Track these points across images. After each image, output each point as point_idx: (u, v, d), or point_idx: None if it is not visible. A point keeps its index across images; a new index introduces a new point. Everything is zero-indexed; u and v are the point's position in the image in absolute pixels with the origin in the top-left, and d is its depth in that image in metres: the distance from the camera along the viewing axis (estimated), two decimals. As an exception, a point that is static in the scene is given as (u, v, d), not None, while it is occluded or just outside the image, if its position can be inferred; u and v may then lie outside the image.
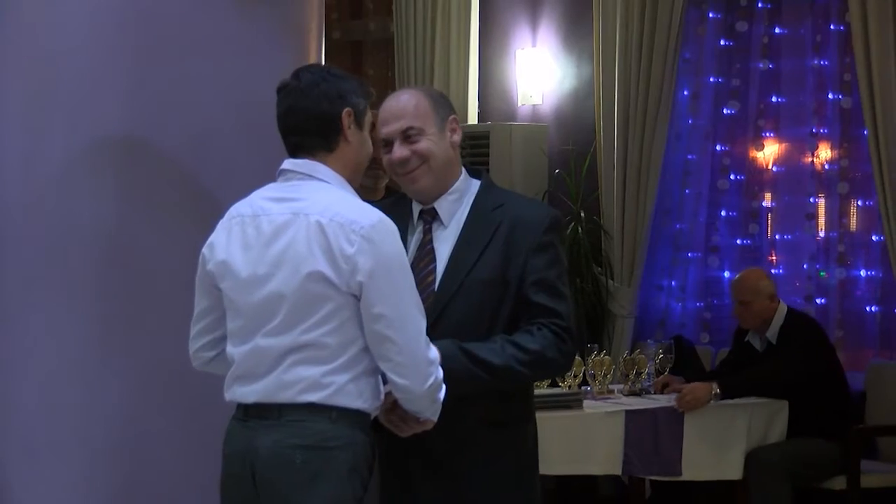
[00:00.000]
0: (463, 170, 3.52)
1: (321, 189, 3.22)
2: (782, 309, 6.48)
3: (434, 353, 3.19)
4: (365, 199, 4.86)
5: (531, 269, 3.38)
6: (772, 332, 6.44)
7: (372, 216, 3.18)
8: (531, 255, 3.39)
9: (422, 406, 3.24)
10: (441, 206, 3.47)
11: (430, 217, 3.49)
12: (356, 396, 3.17)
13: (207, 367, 3.43)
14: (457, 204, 3.47)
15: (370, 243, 3.13)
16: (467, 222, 3.44)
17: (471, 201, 3.48)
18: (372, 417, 3.26)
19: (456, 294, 3.40)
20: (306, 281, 3.14)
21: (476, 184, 3.51)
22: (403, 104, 3.44)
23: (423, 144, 3.41)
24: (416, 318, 3.17)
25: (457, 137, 3.46)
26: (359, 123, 3.28)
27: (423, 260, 3.45)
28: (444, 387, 3.22)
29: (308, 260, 3.14)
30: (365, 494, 3.23)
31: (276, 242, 3.19)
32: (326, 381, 3.15)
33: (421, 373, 3.15)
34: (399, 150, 3.42)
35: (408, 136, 3.41)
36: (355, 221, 3.15)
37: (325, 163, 3.25)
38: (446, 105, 3.49)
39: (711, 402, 6.09)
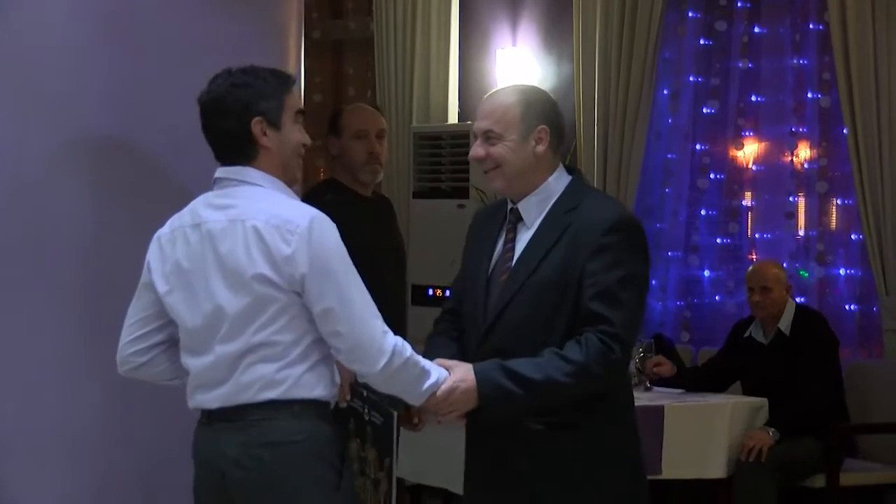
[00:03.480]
0: (559, 171, 3.52)
1: (254, 193, 3.30)
2: (791, 304, 6.51)
3: (389, 341, 3.21)
4: (362, 193, 4.88)
5: (588, 273, 3.35)
6: (784, 324, 6.44)
7: (306, 214, 3.24)
8: (589, 259, 3.35)
9: (394, 390, 3.31)
10: (524, 206, 3.50)
11: (515, 217, 3.52)
12: (313, 386, 3.24)
13: (135, 373, 3.49)
14: (542, 205, 3.48)
15: (307, 241, 3.20)
16: (541, 224, 3.46)
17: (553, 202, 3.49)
18: (332, 405, 3.32)
19: (516, 295, 3.42)
20: (252, 282, 3.21)
21: (565, 184, 3.51)
22: (495, 106, 3.48)
23: (498, 149, 3.45)
24: (361, 306, 3.21)
25: (541, 148, 3.45)
26: (274, 125, 3.33)
27: (503, 259, 3.50)
28: (411, 374, 3.25)
29: (250, 264, 3.21)
30: (341, 482, 3.26)
31: (218, 249, 3.27)
32: (281, 377, 3.22)
33: (371, 357, 3.20)
34: (475, 149, 3.49)
35: (488, 137, 3.46)
36: (290, 221, 3.22)
37: (254, 167, 3.32)
38: (541, 113, 3.47)
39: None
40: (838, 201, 7.39)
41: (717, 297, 7.80)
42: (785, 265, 6.90)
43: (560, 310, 3.37)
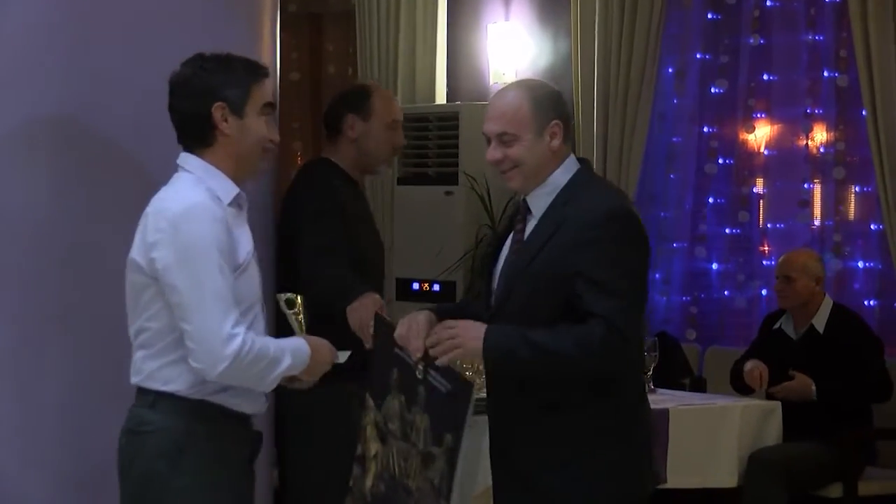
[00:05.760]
0: (567, 162, 3.72)
1: (179, 180, 3.53)
2: (828, 301, 6.55)
3: (232, 347, 3.37)
4: (356, 178, 4.87)
5: (581, 264, 3.53)
6: (819, 321, 6.49)
7: (184, 202, 3.43)
8: (581, 250, 3.54)
9: (241, 384, 3.49)
10: (532, 199, 3.71)
11: (525, 209, 3.73)
12: (167, 381, 3.46)
13: None
14: (548, 197, 3.68)
15: (173, 230, 3.39)
16: (542, 216, 3.67)
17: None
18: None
19: (514, 288, 3.64)
20: (128, 270, 3.50)
21: (570, 175, 3.70)
22: (505, 107, 3.67)
23: (515, 150, 3.65)
24: (210, 308, 3.38)
25: (556, 142, 3.66)
26: (237, 113, 3.52)
27: (512, 250, 3.72)
28: (256, 368, 3.42)
29: (133, 250, 3.49)
30: (195, 482, 3.42)
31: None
32: (145, 365, 3.49)
33: (209, 360, 3.37)
34: (492, 152, 3.69)
35: (503, 140, 3.66)
36: (167, 209, 3.43)
37: (201, 156, 3.53)
38: (551, 108, 3.68)
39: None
40: (856, 188, 7.39)
41: (725, 292, 7.79)
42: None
43: (552, 301, 3.57)
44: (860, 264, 7.35)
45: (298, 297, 3.79)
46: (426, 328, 3.63)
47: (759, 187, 7.69)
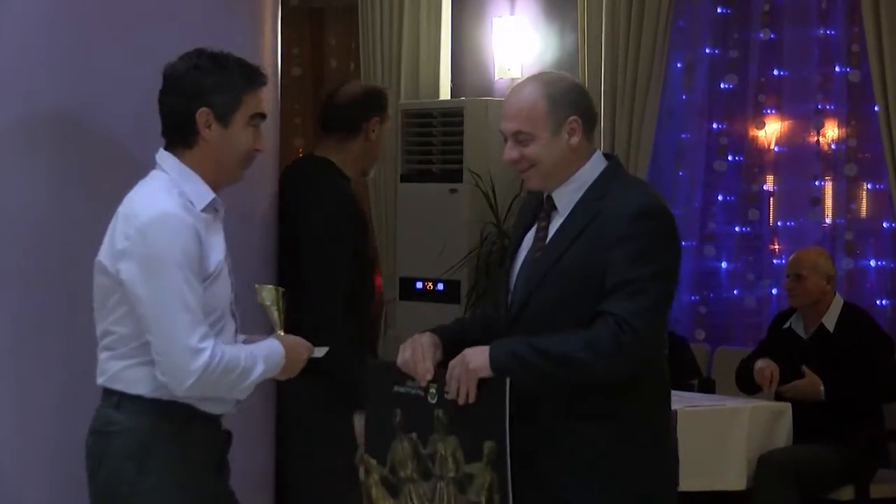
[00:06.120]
0: (594, 156, 3.64)
1: (153, 179, 3.50)
2: (839, 299, 6.55)
3: (200, 361, 3.35)
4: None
5: (610, 263, 3.46)
6: (829, 320, 6.48)
7: (153, 209, 3.39)
8: (612, 248, 3.46)
9: (215, 395, 3.49)
10: (559, 195, 3.62)
11: (549, 205, 3.65)
12: (133, 382, 3.45)
13: None
14: (576, 193, 3.60)
15: (141, 239, 3.37)
16: (570, 213, 3.59)
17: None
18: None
19: (541, 283, 3.55)
20: (95, 271, 3.48)
21: (599, 171, 3.63)
22: (520, 104, 3.59)
23: (531, 150, 3.57)
24: (175, 320, 3.36)
25: (575, 139, 3.57)
26: (222, 121, 3.48)
27: (535, 247, 3.64)
28: (228, 379, 3.41)
29: (101, 252, 3.48)
30: (162, 482, 3.42)
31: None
32: (104, 366, 3.49)
33: (177, 375, 3.37)
34: (509, 152, 3.60)
35: (518, 138, 3.58)
36: (136, 215, 3.40)
37: (180, 156, 3.50)
38: (569, 103, 3.59)
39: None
40: (868, 186, 7.39)
41: (735, 291, 7.79)
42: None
43: (584, 299, 3.48)
44: (872, 263, 7.35)
45: (279, 290, 3.71)
46: (432, 349, 3.56)
47: (769, 184, 7.68)
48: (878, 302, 7.28)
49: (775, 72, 7.62)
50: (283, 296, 3.71)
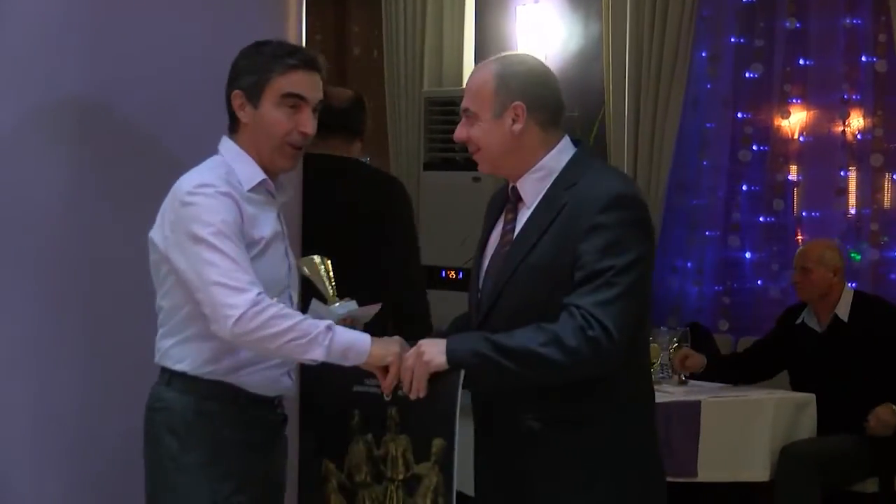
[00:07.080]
0: (561, 144, 3.51)
1: (207, 160, 3.60)
2: (849, 290, 6.54)
3: (241, 297, 3.33)
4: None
5: (580, 254, 3.32)
6: (842, 311, 6.46)
7: (194, 181, 3.48)
8: (582, 239, 3.33)
9: (280, 355, 3.47)
10: (523, 185, 3.49)
11: (515, 197, 3.52)
12: (178, 360, 3.53)
13: None
14: (542, 182, 3.47)
15: (181, 206, 3.45)
16: (538, 204, 3.45)
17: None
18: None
19: (509, 280, 3.43)
20: (149, 248, 3.57)
21: (567, 159, 3.49)
22: (473, 80, 3.50)
23: (474, 131, 3.48)
24: (215, 269, 3.37)
25: (518, 126, 3.43)
26: (252, 102, 3.57)
27: (502, 241, 3.52)
28: (278, 337, 3.33)
29: (153, 228, 3.56)
30: (202, 461, 3.46)
31: None
32: (158, 344, 3.59)
33: (220, 313, 3.37)
34: (458, 130, 3.52)
35: (467, 115, 3.49)
36: (179, 188, 3.50)
37: (234, 140, 3.62)
38: (518, 88, 3.43)
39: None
40: (894, 176, 7.36)
41: (759, 282, 7.78)
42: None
43: (556, 295, 3.33)
44: (897, 253, 7.34)
45: (326, 261, 3.72)
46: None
47: (794, 175, 7.67)
48: (903, 293, 7.27)
49: (801, 61, 7.61)
50: (328, 266, 3.72)
